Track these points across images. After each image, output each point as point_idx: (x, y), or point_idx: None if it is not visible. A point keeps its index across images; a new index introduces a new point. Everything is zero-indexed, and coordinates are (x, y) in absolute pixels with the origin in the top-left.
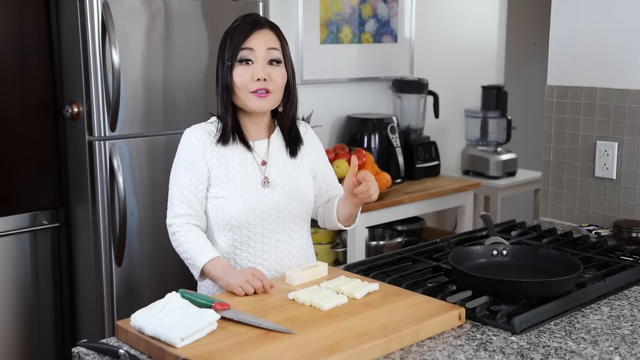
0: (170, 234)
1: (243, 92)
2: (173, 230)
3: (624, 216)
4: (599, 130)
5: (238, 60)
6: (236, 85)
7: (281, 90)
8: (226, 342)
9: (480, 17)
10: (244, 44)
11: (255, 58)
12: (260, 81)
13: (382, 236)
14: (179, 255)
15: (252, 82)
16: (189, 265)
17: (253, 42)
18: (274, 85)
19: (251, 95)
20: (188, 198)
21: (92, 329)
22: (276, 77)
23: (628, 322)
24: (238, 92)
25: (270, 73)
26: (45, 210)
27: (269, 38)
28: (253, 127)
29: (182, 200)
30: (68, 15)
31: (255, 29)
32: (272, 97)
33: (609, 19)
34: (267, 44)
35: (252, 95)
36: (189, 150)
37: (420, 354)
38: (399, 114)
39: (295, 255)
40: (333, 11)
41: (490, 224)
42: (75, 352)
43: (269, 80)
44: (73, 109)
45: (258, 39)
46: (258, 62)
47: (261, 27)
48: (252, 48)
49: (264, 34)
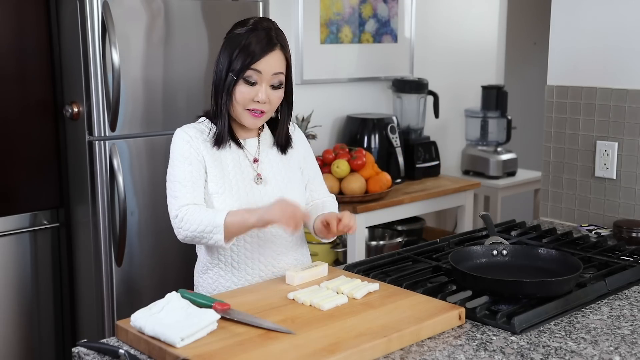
0: (178, 222)
1: (239, 108)
2: (180, 217)
3: (624, 216)
4: (599, 130)
5: (243, 78)
6: (235, 100)
7: (275, 109)
8: (226, 342)
9: (480, 17)
10: (254, 64)
11: (261, 81)
12: (260, 103)
13: (382, 236)
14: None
15: (251, 102)
16: (207, 237)
17: (262, 64)
18: (270, 107)
19: (246, 112)
20: (192, 189)
21: (92, 329)
22: (274, 99)
23: (628, 322)
24: (235, 106)
25: (270, 96)
26: (45, 210)
27: (277, 61)
28: (242, 128)
29: (185, 192)
30: (68, 15)
31: (267, 50)
32: (266, 116)
33: (609, 19)
34: (275, 69)
35: (247, 112)
36: (183, 146)
37: (420, 354)
38: (399, 114)
39: (291, 250)
40: (333, 11)
41: (490, 224)
42: (75, 352)
43: (267, 103)
44: (73, 109)
45: (267, 62)
46: (262, 84)
47: (273, 48)
48: (261, 71)
49: (273, 57)
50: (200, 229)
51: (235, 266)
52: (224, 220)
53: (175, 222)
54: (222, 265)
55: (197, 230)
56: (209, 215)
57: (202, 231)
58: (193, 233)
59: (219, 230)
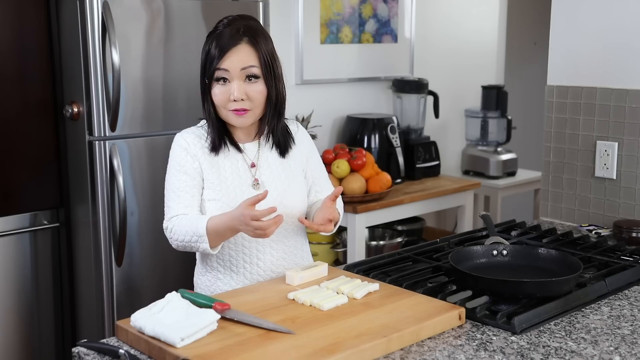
0: (168, 233)
1: (223, 110)
2: (170, 227)
3: (624, 216)
4: (599, 130)
5: (215, 79)
6: (216, 104)
7: (261, 106)
8: (226, 342)
9: (481, 17)
10: (219, 64)
11: (231, 77)
12: (237, 101)
13: (382, 236)
14: (183, 250)
15: (229, 102)
16: (195, 246)
17: (227, 62)
18: (252, 104)
19: (231, 113)
20: (185, 199)
21: (92, 329)
22: (253, 94)
23: (628, 322)
24: (218, 110)
25: (247, 91)
26: (45, 210)
27: (244, 55)
28: (240, 132)
29: (178, 202)
30: (68, 15)
31: (229, 47)
32: (252, 113)
33: (609, 19)
34: (242, 63)
35: (231, 112)
36: (180, 154)
37: (420, 354)
38: (399, 114)
39: (290, 254)
40: (333, 11)
41: (490, 224)
42: (75, 352)
43: (247, 99)
44: (73, 109)
45: (232, 59)
46: (234, 81)
47: (236, 43)
48: (227, 69)
49: (239, 52)
50: (187, 239)
51: (234, 270)
52: (205, 229)
53: (166, 233)
54: (220, 269)
55: (184, 240)
56: (192, 226)
57: (189, 241)
58: (182, 243)
59: (203, 240)
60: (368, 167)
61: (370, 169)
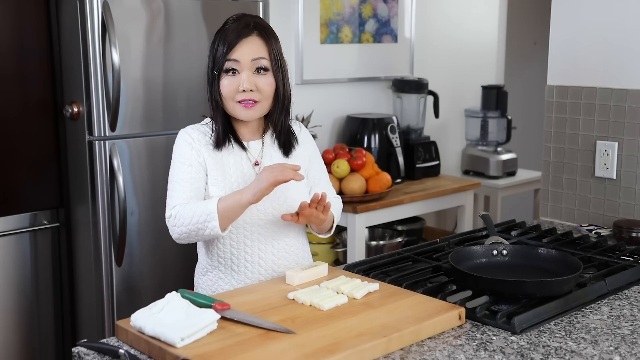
0: (171, 220)
1: (230, 102)
2: (173, 215)
3: (624, 216)
4: (599, 130)
5: (224, 71)
6: (223, 96)
7: (269, 99)
8: (226, 342)
9: (481, 17)
10: (229, 54)
11: (241, 68)
12: (246, 92)
13: (382, 236)
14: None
15: (238, 93)
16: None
17: (237, 52)
18: (261, 95)
19: (238, 105)
20: (189, 190)
21: (92, 329)
22: (263, 86)
23: (628, 322)
24: (225, 102)
25: (256, 83)
26: (45, 210)
27: (255, 47)
28: (245, 129)
29: (182, 192)
30: (68, 15)
31: (241, 37)
32: (260, 106)
33: (609, 19)
34: (253, 54)
35: (239, 105)
36: (185, 147)
37: (420, 354)
38: (399, 114)
39: (292, 253)
40: (333, 11)
41: (490, 223)
42: (75, 352)
43: (256, 91)
44: (73, 109)
45: (243, 49)
46: (244, 72)
47: (248, 35)
48: (238, 60)
49: (250, 43)
50: (194, 221)
51: (235, 269)
52: (216, 206)
53: (168, 222)
54: (222, 268)
55: (191, 224)
56: (200, 206)
57: (196, 222)
58: (187, 227)
59: (213, 217)
60: (368, 167)
61: (370, 168)
